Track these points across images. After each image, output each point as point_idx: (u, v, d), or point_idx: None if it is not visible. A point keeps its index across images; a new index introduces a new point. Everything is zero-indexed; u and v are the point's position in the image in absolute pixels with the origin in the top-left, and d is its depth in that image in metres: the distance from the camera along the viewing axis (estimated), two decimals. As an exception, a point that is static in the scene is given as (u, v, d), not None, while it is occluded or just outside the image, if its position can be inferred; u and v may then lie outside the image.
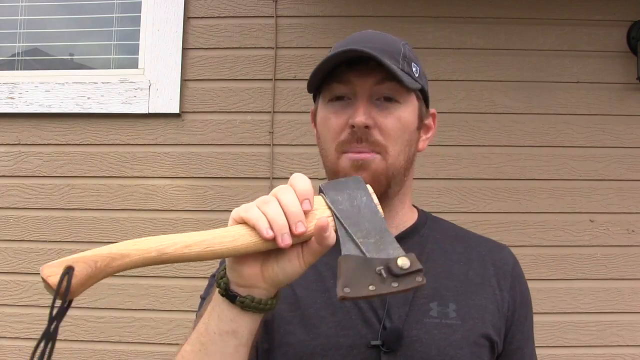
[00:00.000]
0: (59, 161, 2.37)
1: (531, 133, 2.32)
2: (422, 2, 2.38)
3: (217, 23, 2.41)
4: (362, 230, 0.68)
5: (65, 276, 0.59)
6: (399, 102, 0.93)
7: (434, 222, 1.05)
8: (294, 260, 0.69)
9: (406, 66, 0.93)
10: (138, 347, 2.25)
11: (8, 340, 2.29)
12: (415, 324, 0.90)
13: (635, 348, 2.21)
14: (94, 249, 0.64)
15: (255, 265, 0.70)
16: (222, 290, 0.72)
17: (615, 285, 2.24)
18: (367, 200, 0.71)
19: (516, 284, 1.00)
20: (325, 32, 2.38)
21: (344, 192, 0.72)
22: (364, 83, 0.91)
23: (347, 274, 0.64)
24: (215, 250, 0.66)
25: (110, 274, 0.63)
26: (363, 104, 0.90)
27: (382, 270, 0.64)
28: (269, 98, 2.35)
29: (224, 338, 0.72)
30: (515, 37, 2.36)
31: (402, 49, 0.95)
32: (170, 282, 2.27)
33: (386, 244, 0.67)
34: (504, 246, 1.06)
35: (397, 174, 0.93)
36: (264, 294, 0.71)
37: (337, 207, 0.70)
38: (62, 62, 2.59)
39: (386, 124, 0.91)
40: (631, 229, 2.27)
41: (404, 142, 0.93)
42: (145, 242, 0.65)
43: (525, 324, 1.01)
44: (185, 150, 2.35)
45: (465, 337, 0.90)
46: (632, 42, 2.31)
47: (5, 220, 2.35)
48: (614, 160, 2.30)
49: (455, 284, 0.95)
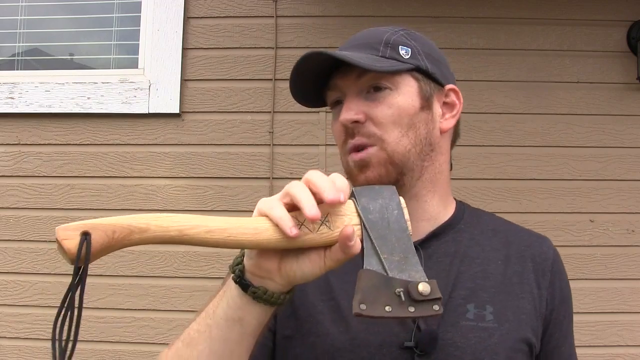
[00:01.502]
0: (59, 161, 2.37)
1: (531, 133, 2.32)
2: (422, 2, 2.38)
3: (217, 23, 2.41)
4: (388, 246, 0.66)
5: (84, 243, 0.57)
6: (390, 88, 0.91)
7: (471, 216, 1.01)
8: (315, 262, 0.68)
9: (389, 51, 0.91)
10: (138, 347, 2.25)
11: (8, 340, 2.29)
12: (450, 326, 0.87)
13: (635, 348, 2.21)
14: (114, 217, 0.62)
15: (274, 259, 0.69)
16: (236, 277, 0.71)
17: (615, 285, 2.24)
18: (398, 214, 0.69)
19: (556, 280, 0.97)
20: (325, 32, 2.38)
21: (377, 201, 0.70)
22: (346, 82, 0.92)
23: (366, 290, 0.63)
24: (237, 240, 0.65)
25: (127, 246, 0.62)
26: (347, 102, 0.91)
27: (401, 293, 0.63)
28: (269, 98, 2.35)
29: (230, 325, 0.71)
30: (515, 37, 2.36)
31: (387, 36, 0.93)
32: (170, 282, 2.27)
33: (410, 264, 0.66)
34: (545, 239, 1.02)
35: (405, 160, 0.90)
36: (277, 288, 0.70)
37: (367, 216, 0.68)
38: (62, 62, 2.59)
39: (376, 113, 0.89)
40: (631, 229, 2.27)
41: (402, 127, 0.90)
42: (167, 219, 0.63)
43: (564, 322, 0.97)
44: (185, 150, 2.35)
45: (502, 341, 0.87)
46: (632, 42, 2.31)
47: (5, 220, 2.35)
48: (614, 160, 2.30)
49: (493, 284, 0.92)
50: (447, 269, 0.92)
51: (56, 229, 0.58)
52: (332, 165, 2.28)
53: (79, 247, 0.57)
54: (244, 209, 2.29)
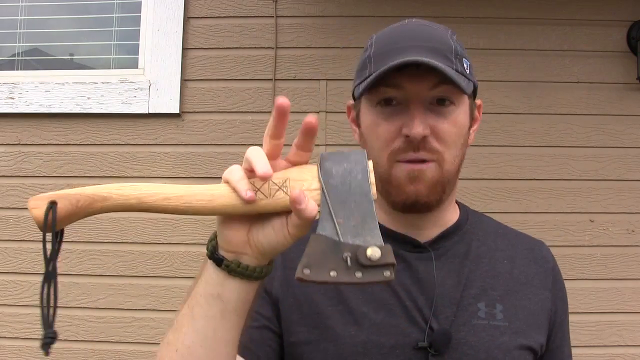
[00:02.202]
0: (59, 161, 2.37)
1: (531, 133, 2.32)
2: (422, 2, 2.38)
3: (217, 23, 2.41)
4: (346, 210, 0.63)
5: (49, 211, 0.63)
6: (454, 104, 0.87)
7: (476, 218, 1.02)
8: (279, 230, 0.67)
9: (459, 65, 0.87)
10: (138, 347, 2.25)
11: (8, 340, 2.29)
12: (462, 325, 0.87)
13: (635, 348, 2.21)
14: (80, 188, 0.67)
15: (241, 231, 0.69)
16: (210, 252, 0.71)
17: (615, 285, 2.24)
18: (362, 178, 0.65)
19: (557, 282, 0.99)
20: (325, 32, 2.38)
21: (342, 165, 0.66)
22: (417, 88, 0.85)
23: (313, 254, 0.61)
24: (192, 206, 0.67)
25: (92, 214, 0.67)
26: (419, 113, 0.85)
27: (348, 258, 0.60)
28: (269, 98, 2.35)
29: (209, 301, 0.71)
30: (515, 37, 2.36)
31: (453, 44, 0.89)
32: (170, 282, 2.27)
33: (366, 229, 0.62)
34: (542, 243, 1.03)
35: (451, 179, 0.90)
36: (252, 262, 0.69)
37: (328, 180, 0.66)
38: (62, 62, 2.59)
39: (443, 130, 0.86)
40: (631, 229, 2.27)
41: (458, 146, 0.89)
42: (129, 188, 0.67)
43: (565, 322, 0.99)
44: (185, 150, 2.35)
45: (513, 339, 0.88)
46: (632, 42, 2.31)
47: (5, 220, 2.35)
48: (614, 160, 2.30)
49: (501, 283, 0.92)
50: (458, 269, 0.92)
51: (29, 199, 0.65)
52: (332, 165, 2.28)
53: (45, 214, 0.63)
54: (244, 209, 2.29)
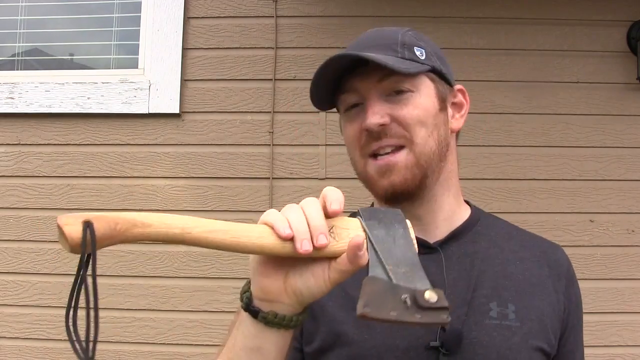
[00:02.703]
0: (59, 161, 2.37)
1: (531, 133, 2.32)
2: (422, 2, 2.38)
3: (217, 23, 2.41)
4: (393, 259, 0.65)
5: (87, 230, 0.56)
6: (412, 91, 0.90)
7: (487, 220, 1.02)
8: (319, 276, 0.66)
9: (407, 52, 0.90)
10: (138, 347, 2.25)
11: (8, 340, 2.29)
12: (474, 325, 0.87)
13: (635, 348, 2.21)
14: (116, 212, 0.62)
15: (278, 279, 0.67)
16: (245, 305, 0.70)
17: (615, 285, 2.24)
18: (403, 232, 0.68)
19: (570, 286, 0.98)
20: (325, 32, 2.38)
21: (382, 219, 0.69)
22: (367, 85, 0.90)
23: (371, 294, 0.61)
24: (240, 241, 0.63)
25: (129, 240, 0.61)
26: (371, 105, 0.89)
27: (407, 299, 0.61)
28: (269, 98, 2.35)
29: (249, 355, 0.70)
30: (515, 37, 2.36)
31: (401, 37, 0.92)
32: (170, 282, 2.27)
33: (416, 277, 0.64)
34: (558, 246, 1.03)
35: (430, 161, 0.90)
36: (288, 310, 0.68)
37: (372, 231, 0.67)
38: (62, 62, 2.59)
39: (403, 115, 0.89)
40: (631, 229, 2.27)
41: (428, 127, 0.90)
42: (170, 218, 0.63)
43: (578, 327, 0.99)
44: (185, 150, 2.35)
45: (524, 340, 0.88)
46: (632, 42, 2.31)
47: (5, 220, 2.35)
48: (614, 160, 2.30)
49: (513, 283, 0.92)
50: (469, 268, 0.92)
51: (58, 217, 0.58)
52: (332, 165, 2.28)
53: (83, 234, 0.56)
54: (244, 209, 2.29)
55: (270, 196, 2.29)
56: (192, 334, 2.25)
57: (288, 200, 2.28)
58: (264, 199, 2.30)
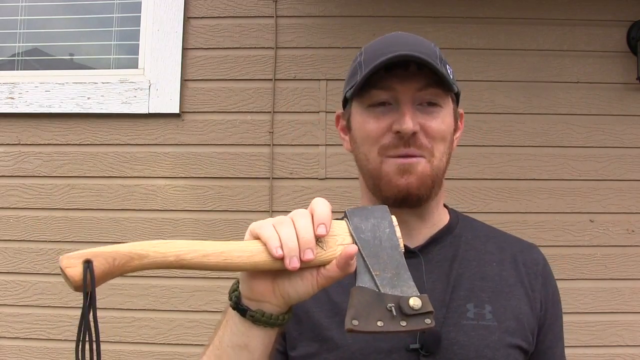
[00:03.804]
0: (59, 161, 2.37)
1: (531, 133, 2.32)
2: (422, 2, 2.38)
3: (217, 23, 2.41)
4: (380, 263, 0.68)
5: (87, 270, 0.62)
6: (441, 107, 0.93)
7: (465, 222, 1.05)
8: (308, 281, 0.70)
9: (444, 68, 0.92)
10: (138, 347, 2.25)
11: (8, 340, 2.29)
12: (453, 326, 0.90)
13: (635, 348, 2.21)
14: (114, 245, 0.65)
15: (266, 281, 0.71)
16: (233, 303, 0.73)
17: (615, 285, 2.24)
18: (390, 232, 0.71)
19: (547, 283, 1.01)
20: (325, 32, 2.38)
21: (369, 220, 0.72)
22: (406, 89, 0.90)
23: (358, 306, 0.65)
24: (233, 262, 0.67)
25: (127, 272, 0.66)
26: (409, 110, 0.90)
27: (393, 308, 0.65)
28: (269, 98, 2.35)
29: (237, 352, 0.73)
30: (515, 37, 2.36)
31: (438, 51, 0.95)
32: (170, 282, 2.27)
33: (402, 280, 0.68)
34: (534, 246, 1.06)
35: (440, 176, 0.95)
36: (275, 310, 0.72)
37: (359, 235, 0.70)
38: (62, 62, 2.59)
39: (432, 127, 0.91)
40: (631, 229, 2.27)
41: (446, 144, 0.94)
42: (165, 245, 0.66)
43: (557, 324, 1.01)
44: (185, 150, 2.35)
45: (502, 338, 0.91)
46: (632, 42, 2.31)
47: (5, 220, 2.35)
48: (614, 160, 2.30)
49: (490, 285, 0.95)
50: (447, 272, 0.95)
51: (60, 258, 0.62)
52: (332, 165, 2.28)
53: (83, 275, 0.61)
54: (244, 209, 2.29)
55: (270, 196, 2.29)
56: (192, 334, 2.25)
57: (288, 201, 2.28)
58: (264, 199, 2.30)
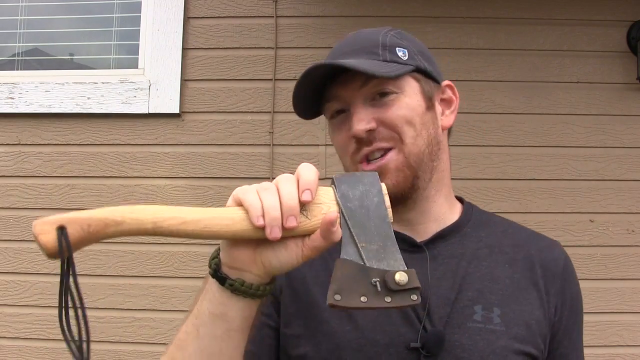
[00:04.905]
0: (59, 161, 2.37)
1: (531, 133, 2.32)
2: (422, 2, 2.38)
3: (217, 23, 2.41)
4: (367, 234, 0.65)
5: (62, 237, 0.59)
6: (396, 92, 0.89)
7: (480, 218, 0.99)
8: (292, 251, 0.67)
9: (388, 54, 0.90)
10: (138, 347, 2.25)
11: (8, 340, 2.29)
12: (457, 327, 0.86)
13: (635, 348, 2.21)
14: (89, 211, 0.62)
15: (247, 249, 0.68)
16: (213, 271, 0.70)
17: (615, 285, 2.24)
18: (378, 201, 0.67)
19: (566, 287, 0.95)
20: (325, 32, 2.38)
21: (357, 188, 0.68)
22: (350, 92, 0.89)
23: (342, 279, 0.62)
24: (212, 230, 0.65)
25: (103, 239, 0.62)
26: (356, 112, 0.88)
27: (377, 283, 0.62)
28: (269, 98, 2.35)
29: (214, 321, 0.70)
30: (515, 37, 2.36)
31: (381, 38, 0.92)
32: (170, 282, 2.27)
33: (388, 253, 0.64)
34: (556, 244, 1.00)
35: (420, 160, 0.90)
36: (255, 279, 0.69)
37: (346, 204, 0.67)
38: (62, 62, 2.59)
39: (389, 116, 0.88)
40: (631, 229, 2.27)
41: (416, 127, 0.89)
42: (142, 211, 0.63)
43: (574, 331, 0.96)
44: (185, 150, 2.35)
45: (510, 344, 0.85)
46: (632, 42, 2.31)
47: (5, 220, 2.35)
48: (614, 160, 2.30)
49: (501, 287, 0.90)
50: (454, 270, 0.91)
51: (33, 223, 0.59)
52: (332, 165, 2.28)
53: (58, 241, 0.58)
54: (244, 209, 2.29)
55: (270, 196, 2.29)
56: (192, 334, 2.25)
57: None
58: (264, 199, 2.29)
